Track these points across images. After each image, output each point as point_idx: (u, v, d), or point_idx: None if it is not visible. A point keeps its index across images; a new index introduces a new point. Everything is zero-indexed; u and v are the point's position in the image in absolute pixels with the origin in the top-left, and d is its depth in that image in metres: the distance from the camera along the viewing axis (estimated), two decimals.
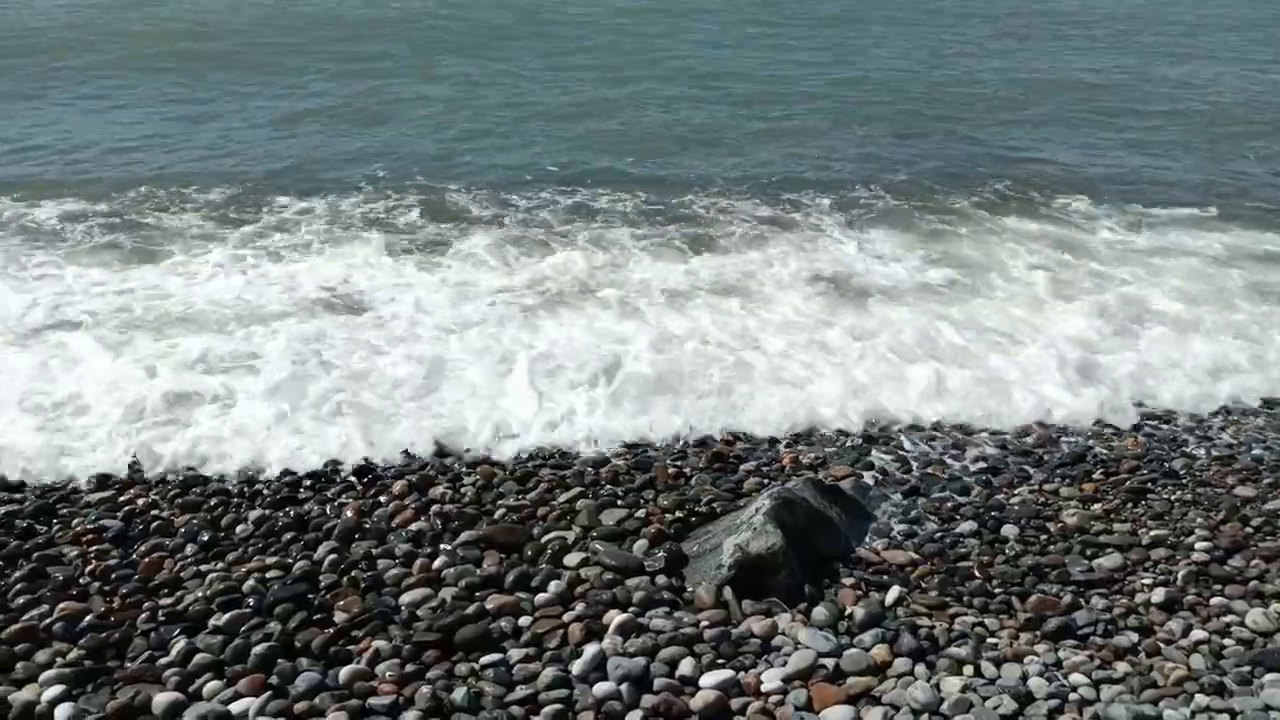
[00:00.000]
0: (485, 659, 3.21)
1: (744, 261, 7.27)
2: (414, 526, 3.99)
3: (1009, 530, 4.13)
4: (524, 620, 3.42)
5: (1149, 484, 4.57)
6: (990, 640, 3.42)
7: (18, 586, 3.49)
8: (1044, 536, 4.11)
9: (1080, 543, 4.05)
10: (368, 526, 3.99)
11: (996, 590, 3.71)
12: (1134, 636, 3.46)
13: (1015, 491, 4.49)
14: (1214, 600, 3.67)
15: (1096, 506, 4.36)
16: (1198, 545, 4.01)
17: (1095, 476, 4.63)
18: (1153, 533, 4.12)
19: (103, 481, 4.27)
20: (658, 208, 8.34)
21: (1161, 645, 3.41)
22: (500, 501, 4.19)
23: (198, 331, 5.72)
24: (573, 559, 3.77)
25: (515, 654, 3.25)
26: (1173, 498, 4.46)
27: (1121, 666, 3.30)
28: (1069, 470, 4.68)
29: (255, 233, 7.44)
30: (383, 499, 4.20)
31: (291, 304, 6.18)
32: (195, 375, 5.16)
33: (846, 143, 10.55)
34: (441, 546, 3.86)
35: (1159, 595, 3.66)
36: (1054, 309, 6.59)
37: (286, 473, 4.38)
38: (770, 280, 6.93)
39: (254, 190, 8.32)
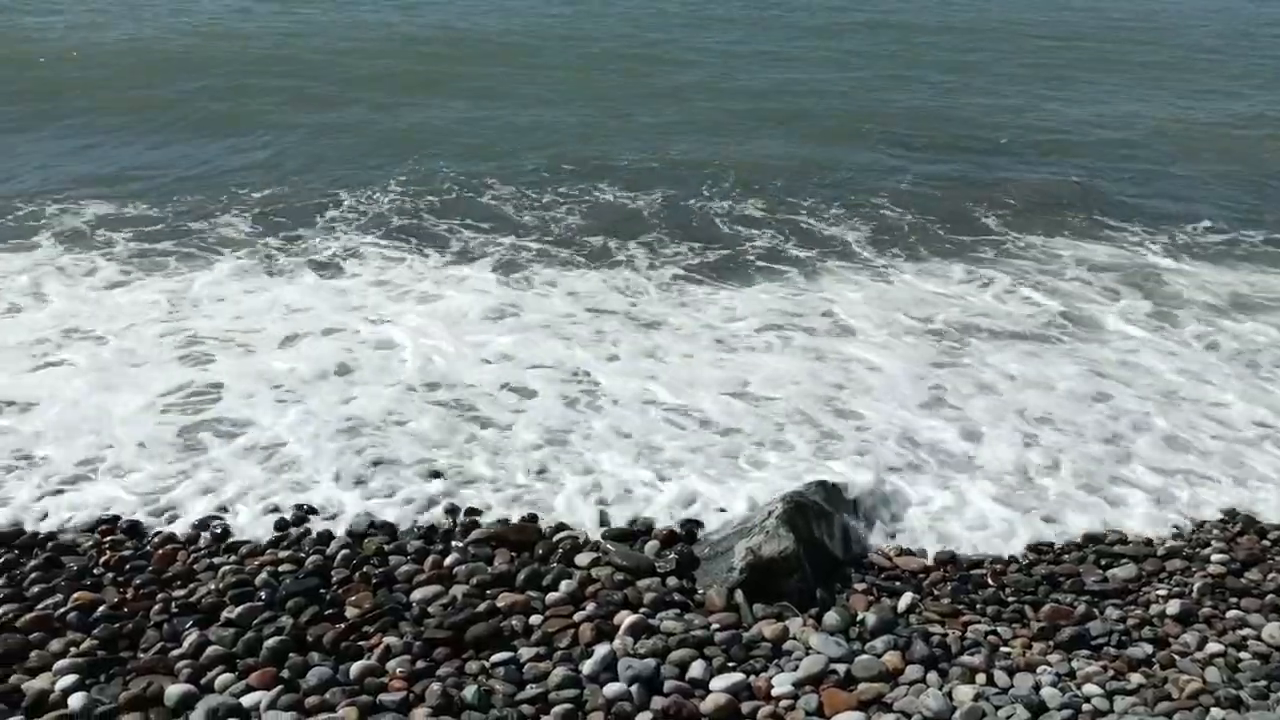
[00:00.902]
0: (496, 657, 3.20)
1: (813, 295, 6.74)
2: (425, 523, 3.99)
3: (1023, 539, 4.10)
4: (535, 619, 3.41)
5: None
6: (1003, 649, 3.39)
7: (33, 575, 3.50)
8: (1057, 545, 4.09)
9: (1094, 552, 4.02)
10: (379, 522, 3.99)
11: (1010, 599, 3.69)
12: (1148, 648, 3.43)
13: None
14: (1230, 613, 3.63)
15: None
16: (1214, 557, 3.97)
17: None
18: (1168, 543, 4.09)
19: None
20: (695, 229, 8.12)
21: (1176, 657, 3.38)
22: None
23: (233, 352, 5.54)
24: (584, 558, 3.77)
25: (526, 653, 3.24)
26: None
27: (1135, 678, 3.27)
28: None
29: (301, 249, 7.35)
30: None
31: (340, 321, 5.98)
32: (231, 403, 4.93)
33: (875, 161, 10.38)
34: (453, 543, 3.86)
35: (1174, 607, 3.63)
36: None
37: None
38: (848, 316, 6.36)
39: (295, 203, 8.34)
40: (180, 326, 5.86)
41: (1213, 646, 3.42)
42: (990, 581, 3.79)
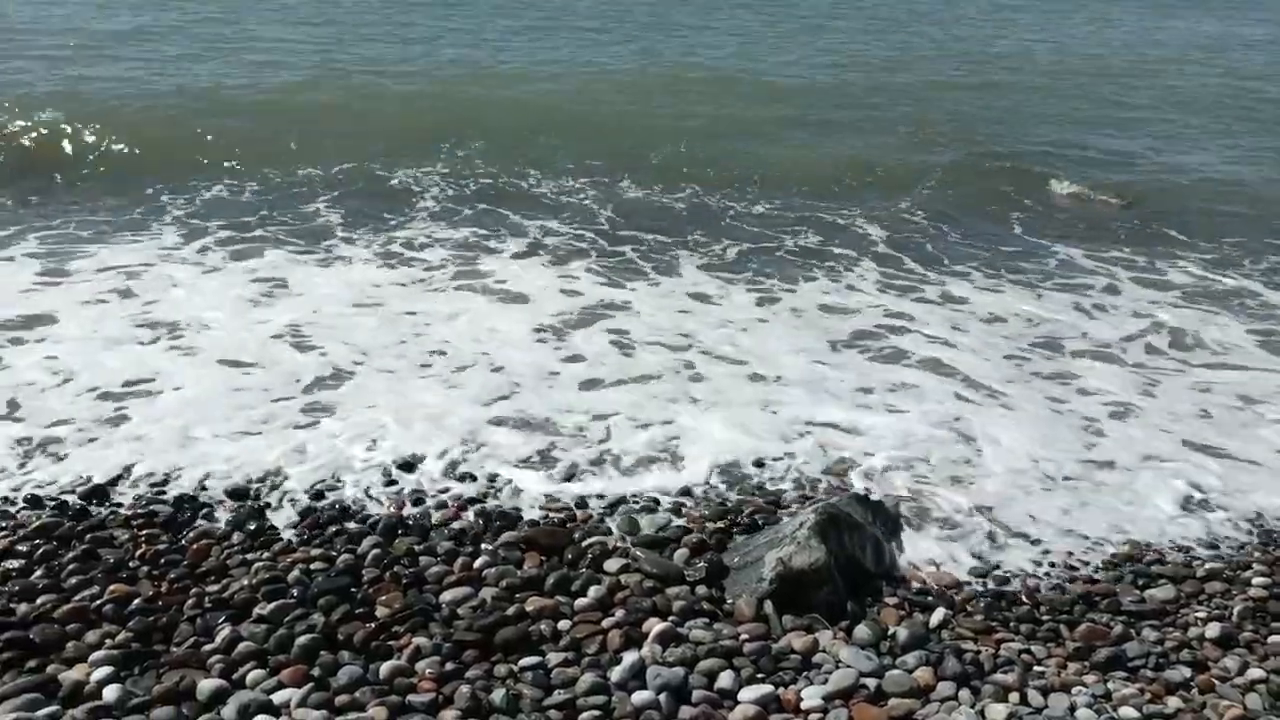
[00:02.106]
0: (524, 661, 3.20)
1: (888, 308, 6.80)
2: (456, 524, 4.01)
3: (1058, 556, 4.04)
4: (563, 624, 3.41)
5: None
6: (1037, 668, 3.34)
7: (70, 567, 3.55)
8: (1094, 564, 4.02)
9: (1131, 572, 3.95)
10: (410, 522, 4.01)
11: (1044, 617, 3.64)
12: (1187, 671, 3.36)
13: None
14: (1271, 638, 3.55)
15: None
16: (1255, 580, 3.89)
17: None
18: (1207, 565, 4.01)
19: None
20: (736, 238, 8.28)
21: (1216, 682, 3.31)
22: (543, 507, 4.22)
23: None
24: (613, 564, 3.75)
25: (554, 658, 3.23)
26: (1228, 531, 4.34)
27: (1173, 702, 3.20)
28: None
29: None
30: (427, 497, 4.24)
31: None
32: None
33: (920, 170, 10.39)
34: (483, 546, 3.87)
35: (1214, 630, 3.56)
36: None
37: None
38: (932, 330, 6.39)
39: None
40: (274, 313, 6.23)
41: (1254, 672, 3.35)
42: (1024, 599, 3.74)
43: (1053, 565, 4.00)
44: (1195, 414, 5.48)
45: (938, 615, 3.56)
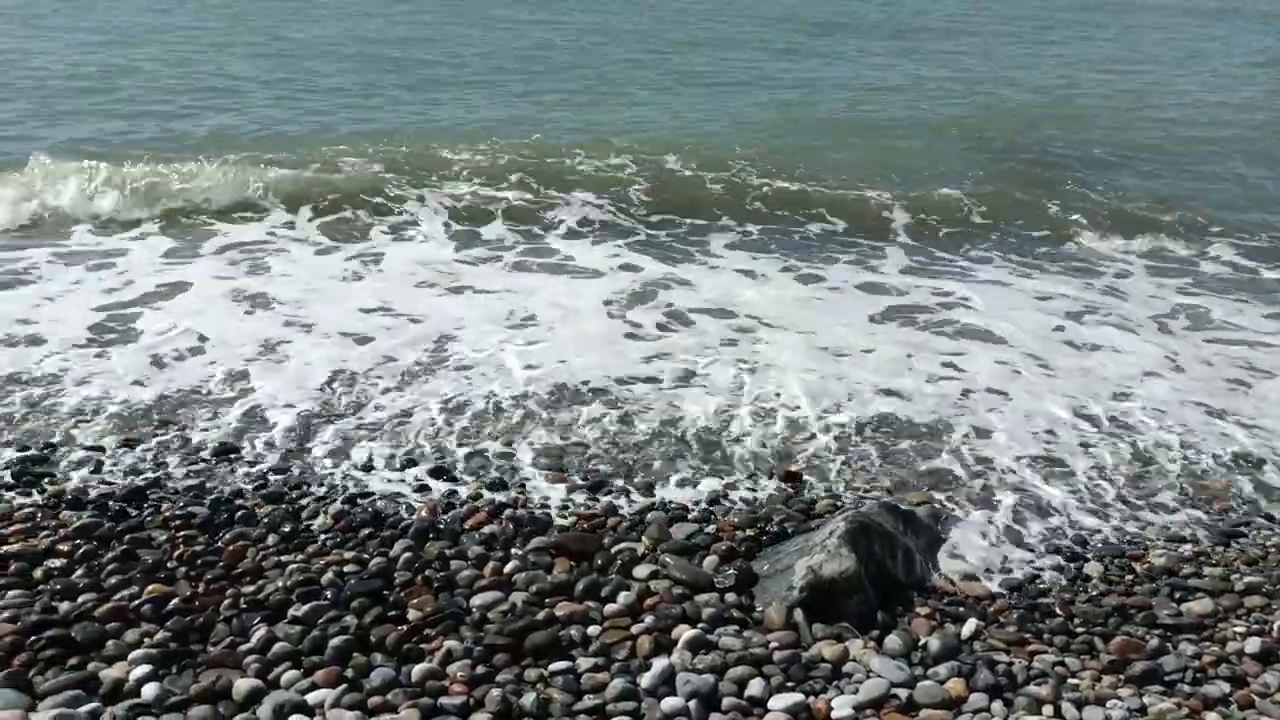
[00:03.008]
0: (554, 666, 3.21)
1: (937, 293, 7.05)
2: (486, 529, 4.04)
3: (1092, 568, 4.00)
4: (593, 629, 3.42)
5: (1242, 527, 4.38)
6: (1071, 681, 3.30)
7: (110, 567, 3.62)
8: (1129, 576, 3.97)
9: (1168, 585, 3.89)
10: (441, 527, 4.05)
11: (1078, 629, 3.59)
12: (1225, 686, 3.30)
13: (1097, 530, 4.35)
14: None
15: (1185, 548, 4.20)
16: None
17: None
18: (1246, 579, 3.95)
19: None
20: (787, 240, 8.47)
21: (1255, 698, 3.25)
22: (571, 511, 4.23)
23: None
24: (642, 571, 3.76)
25: (584, 663, 3.24)
26: (1268, 543, 4.27)
27: (1211, 717, 3.15)
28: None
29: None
30: (456, 502, 4.28)
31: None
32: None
33: (957, 162, 10.56)
34: (512, 551, 3.89)
35: (1253, 645, 3.49)
36: None
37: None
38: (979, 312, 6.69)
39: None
40: (371, 289, 6.73)
41: None
42: (1058, 611, 3.70)
43: (1087, 578, 3.95)
44: (1236, 401, 5.59)
45: (970, 626, 3.53)
